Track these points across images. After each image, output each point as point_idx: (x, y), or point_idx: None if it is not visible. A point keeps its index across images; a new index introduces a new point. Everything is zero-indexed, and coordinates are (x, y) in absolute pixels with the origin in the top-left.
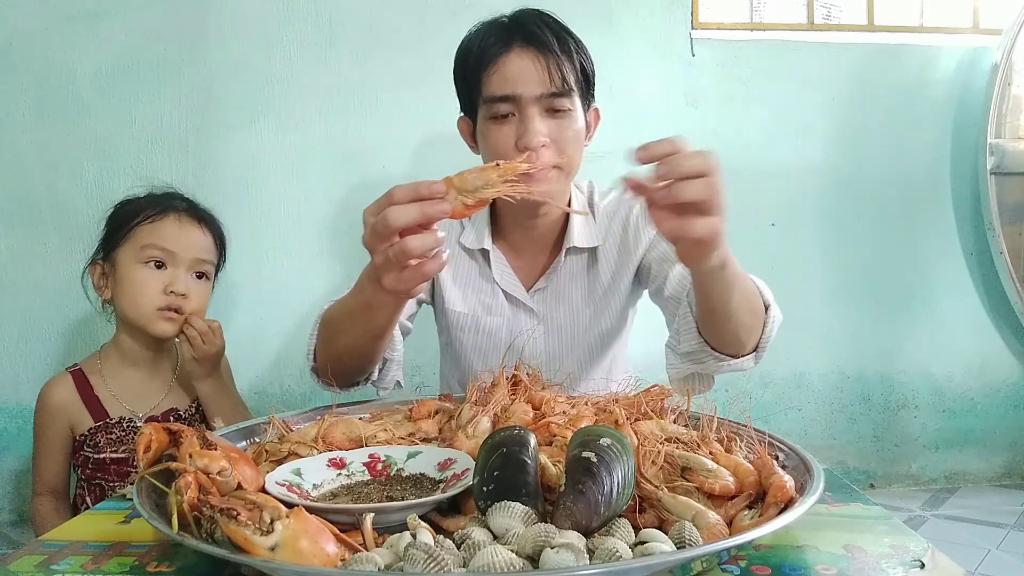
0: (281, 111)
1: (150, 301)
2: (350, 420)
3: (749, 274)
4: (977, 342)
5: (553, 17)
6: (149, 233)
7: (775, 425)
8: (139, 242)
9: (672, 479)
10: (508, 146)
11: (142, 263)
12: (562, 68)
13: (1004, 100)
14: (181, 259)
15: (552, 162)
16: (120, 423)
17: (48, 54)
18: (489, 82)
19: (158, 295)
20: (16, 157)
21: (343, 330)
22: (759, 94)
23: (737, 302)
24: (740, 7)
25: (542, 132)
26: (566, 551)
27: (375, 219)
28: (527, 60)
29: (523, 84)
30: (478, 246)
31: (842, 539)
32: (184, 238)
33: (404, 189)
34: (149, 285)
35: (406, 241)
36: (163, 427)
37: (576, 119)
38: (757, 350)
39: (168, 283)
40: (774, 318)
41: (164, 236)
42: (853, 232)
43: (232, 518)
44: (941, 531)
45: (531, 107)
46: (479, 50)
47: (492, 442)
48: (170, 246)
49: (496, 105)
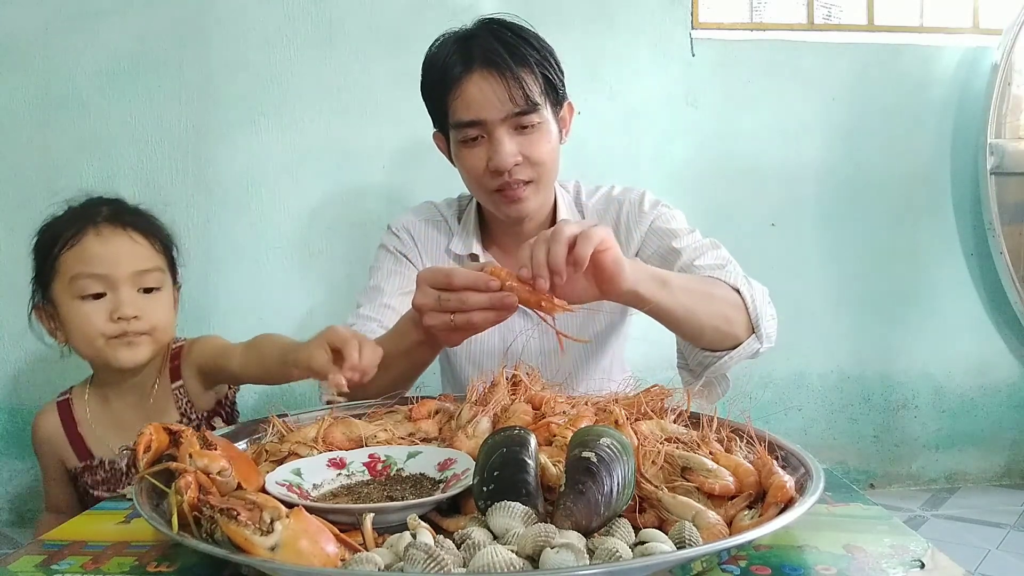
0: (281, 111)
1: (99, 334)
2: (350, 420)
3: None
4: (977, 342)
5: (510, 27)
6: (73, 261)
7: (775, 425)
8: (66, 274)
9: (672, 479)
10: (481, 169)
11: (77, 298)
12: (524, 85)
13: (1004, 100)
14: (116, 279)
15: (525, 177)
16: (103, 464)
17: (48, 54)
18: (455, 108)
19: (105, 325)
20: (16, 157)
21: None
22: (759, 94)
23: (695, 307)
24: (740, 7)
25: (511, 153)
26: (566, 551)
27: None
28: (488, 83)
29: (487, 108)
30: (467, 252)
31: (842, 539)
32: (110, 255)
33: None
34: (92, 319)
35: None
36: (163, 427)
37: (547, 130)
38: (755, 331)
39: (112, 310)
40: (752, 295)
41: (88, 260)
42: (853, 232)
43: (232, 518)
44: (941, 531)
45: (498, 129)
46: (441, 72)
47: (492, 442)
48: (98, 269)
49: (464, 130)
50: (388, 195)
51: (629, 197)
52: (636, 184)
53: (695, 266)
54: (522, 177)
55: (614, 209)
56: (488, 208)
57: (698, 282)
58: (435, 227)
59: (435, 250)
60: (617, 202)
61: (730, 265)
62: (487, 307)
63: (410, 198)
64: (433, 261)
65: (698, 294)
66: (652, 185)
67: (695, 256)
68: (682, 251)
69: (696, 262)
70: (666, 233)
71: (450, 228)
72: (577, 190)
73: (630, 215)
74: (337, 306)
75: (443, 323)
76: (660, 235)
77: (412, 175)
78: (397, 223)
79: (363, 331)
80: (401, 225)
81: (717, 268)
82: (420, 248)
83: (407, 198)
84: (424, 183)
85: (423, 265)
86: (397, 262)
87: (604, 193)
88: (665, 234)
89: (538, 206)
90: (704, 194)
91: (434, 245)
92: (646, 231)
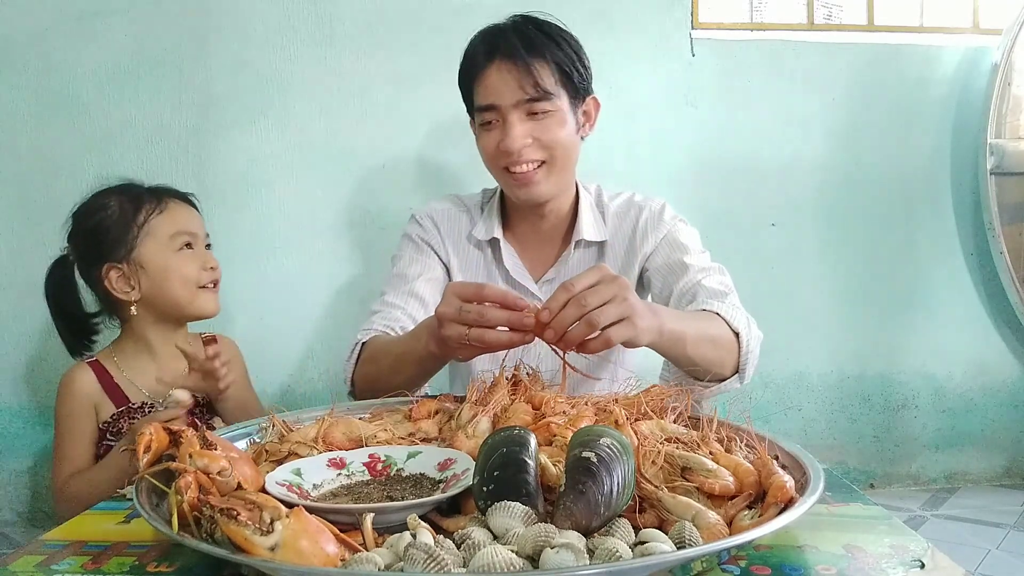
0: (281, 111)
1: (196, 281)
2: (350, 420)
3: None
4: (977, 342)
5: (534, 22)
6: (169, 222)
7: (775, 425)
8: (164, 233)
9: (672, 479)
10: (493, 149)
11: (175, 251)
12: (536, 75)
13: (1004, 100)
14: (199, 237)
15: (535, 157)
16: (142, 408)
17: (48, 54)
18: (477, 93)
19: (200, 274)
20: (16, 157)
21: (395, 371)
22: (759, 94)
23: (693, 350)
24: (740, 7)
25: (520, 135)
26: (566, 551)
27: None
28: (504, 72)
29: (500, 94)
30: (488, 236)
31: (842, 539)
32: (192, 220)
33: (496, 291)
34: (189, 267)
35: (489, 333)
36: (163, 427)
37: (560, 118)
38: (739, 372)
39: (203, 261)
40: (748, 342)
41: (179, 221)
42: (853, 232)
43: (232, 518)
44: (941, 531)
45: (511, 114)
46: (469, 63)
47: (492, 442)
48: (190, 228)
49: (483, 114)
50: (388, 195)
51: (650, 205)
52: (636, 184)
53: (700, 284)
54: (533, 157)
55: (634, 213)
56: (505, 190)
57: (703, 325)
58: (458, 215)
59: (458, 236)
60: (638, 207)
61: (732, 295)
62: (504, 324)
63: (411, 198)
64: (456, 247)
65: (703, 342)
66: (652, 185)
67: (701, 276)
68: (690, 267)
69: (702, 281)
70: (679, 246)
71: (472, 216)
72: (598, 192)
73: (648, 220)
74: (337, 306)
75: (459, 335)
76: (673, 246)
77: (412, 175)
78: (421, 212)
79: (388, 318)
80: (425, 213)
81: (719, 295)
82: (443, 234)
83: (407, 198)
84: (424, 183)
85: (445, 252)
86: (418, 250)
87: (626, 198)
88: (678, 247)
89: (552, 191)
90: (704, 194)
91: (457, 232)
92: (661, 239)
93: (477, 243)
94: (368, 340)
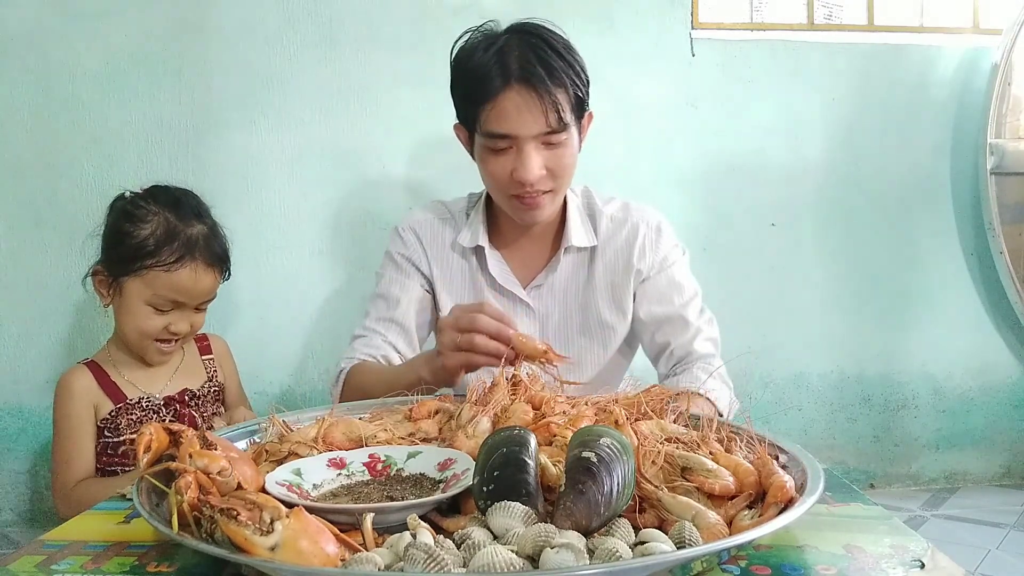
0: (281, 111)
1: (149, 335)
2: (350, 420)
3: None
4: (977, 342)
5: (545, 39)
6: (163, 283)
7: (775, 425)
8: (150, 285)
9: (672, 479)
10: (505, 177)
11: (148, 304)
12: (558, 107)
13: (1004, 100)
14: (188, 305)
15: (546, 188)
16: (139, 403)
17: (48, 54)
18: (488, 117)
19: (158, 331)
20: (16, 157)
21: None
22: (759, 94)
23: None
24: (740, 7)
25: (538, 167)
26: (566, 551)
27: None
28: (524, 99)
29: (521, 125)
30: (472, 244)
31: (842, 539)
32: (196, 289)
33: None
34: (152, 322)
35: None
36: (163, 427)
37: (571, 145)
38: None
39: (170, 323)
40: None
41: (177, 289)
42: (853, 232)
43: (232, 518)
44: (941, 531)
45: (528, 144)
46: (478, 81)
47: (492, 442)
48: (180, 298)
49: (495, 140)
50: (387, 195)
51: (646, 219)
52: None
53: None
54: (543, 188)
55: (631, 224)
56: (508, 212)
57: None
58: (442, 224)
59: (441, 247)
60: (634, 219)
61: (717, 355)
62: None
63: (410, 198)
64: (438, 258)
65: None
66: (652, 185)
67: (695, 335)
68: (690, 325)
69: (696, 345)
70: (673, 285)
71: (457, 223)
72: (588, 195)
73: (647, 237)
74: (337, 306)
75: (460, 362)
76: (669, 282)
77: (412, 175)
78: (403, 223)
79: (370, 346)
80: (407, 226)
81: (709, 358)
82: (425, 246)
83: (407, 198)
84: (424, 183)
85: (427, 265)
86: (399, 270)
87: (621, 204)
88: (672, 284)
89: (554, 212)
90: (704, 194)
91: (440, 242)
92: (658, 262)
93: (462, 251)
94: (351, 368)
